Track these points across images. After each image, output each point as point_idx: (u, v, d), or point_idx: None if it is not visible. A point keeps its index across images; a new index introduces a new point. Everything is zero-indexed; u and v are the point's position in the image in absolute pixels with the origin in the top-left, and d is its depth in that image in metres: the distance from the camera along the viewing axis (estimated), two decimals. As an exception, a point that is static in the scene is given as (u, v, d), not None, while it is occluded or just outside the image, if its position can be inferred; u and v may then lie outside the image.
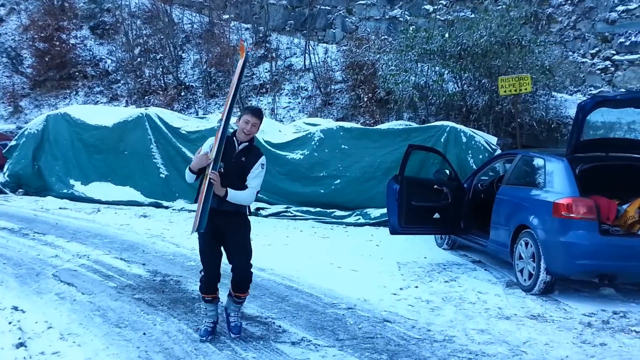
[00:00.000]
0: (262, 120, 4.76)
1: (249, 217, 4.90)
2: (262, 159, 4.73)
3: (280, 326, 5.16)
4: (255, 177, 4.68)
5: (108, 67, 18.39)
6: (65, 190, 11.94)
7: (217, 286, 4.88)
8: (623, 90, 11.32)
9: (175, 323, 5.15)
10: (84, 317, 5.26)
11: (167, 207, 11.10)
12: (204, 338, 4.78)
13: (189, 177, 4.70)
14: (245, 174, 4.66)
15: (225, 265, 4.82)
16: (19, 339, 4.71)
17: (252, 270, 4.83)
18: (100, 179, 11.87)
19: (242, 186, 4.63)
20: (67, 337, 4.79)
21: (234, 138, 4.70)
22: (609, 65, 11.82)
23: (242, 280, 4.78)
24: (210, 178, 4.43)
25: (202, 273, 4.83)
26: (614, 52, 11.79)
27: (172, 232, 9.02)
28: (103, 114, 12.48)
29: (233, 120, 5.08)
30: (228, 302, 4.95)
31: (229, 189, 4.55)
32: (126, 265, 7.08)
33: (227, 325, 4.94)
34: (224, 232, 4.68)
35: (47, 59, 18.20)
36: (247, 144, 4.70)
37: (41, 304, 5.61)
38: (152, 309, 5.52)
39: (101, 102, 17.11)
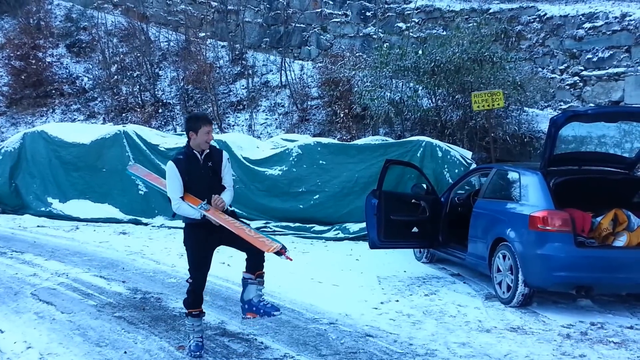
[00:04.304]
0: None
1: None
2: (225, 154, 4.93)
3: (262, 342, 5.17)
4: (227, 173, 4.88)
5: (85, 84, 18.21)
6: (43, 208, 11.77)
7: (203, 296, 4.89)
8: (592, 105, 11.60)
9: (157, 341, 5.13)
10: (64, 337, 5.21)
11: (146, 224, 11.03)
12: (198, 353, 4.78)
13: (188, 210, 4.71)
14: (219, 174, 4.81)
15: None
16: (-2, 360, 4.65)
17: None
18: (79, 197, 11.72)
19: (221, 186, 4.81)
20: (46, 357, 4.75)
21: (194, 152, 4.75)
22: (578, 81, 12.09)
23: (262, 258, 4.88)
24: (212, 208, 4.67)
25: (190, 284, 4.79)
26: (582, 67, 12.07)
27: (152, 249, 8.96)
28: (80, 132, 12.35)
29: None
30: (249, 291, 4.81)
31: (224, 200, 4.74)
32: (106, 283, 7.02)
33: (261, 311, 4.77)
34: (220, 236, 4.72)
35: (23, 77, 17.95)
36: (208, 150, 4.81)
37: (20, 324, 5.54)
38: (132, 327, 5.49)
39: (78, 120, 16.89)
